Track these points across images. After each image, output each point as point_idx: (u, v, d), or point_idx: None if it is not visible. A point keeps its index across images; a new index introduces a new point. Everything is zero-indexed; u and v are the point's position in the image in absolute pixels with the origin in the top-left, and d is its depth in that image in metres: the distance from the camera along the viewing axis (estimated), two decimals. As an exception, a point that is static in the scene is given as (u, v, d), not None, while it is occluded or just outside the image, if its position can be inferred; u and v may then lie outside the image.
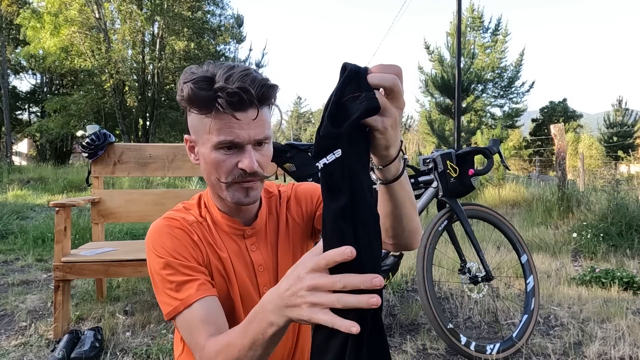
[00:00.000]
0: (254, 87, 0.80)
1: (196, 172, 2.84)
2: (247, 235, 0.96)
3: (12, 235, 4.78)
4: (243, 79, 0.80)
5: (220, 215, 0.94)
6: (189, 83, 0.82)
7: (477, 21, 24.41)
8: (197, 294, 0.82)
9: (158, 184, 10.60)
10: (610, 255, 4.08)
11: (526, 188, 8.27)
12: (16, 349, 2.14)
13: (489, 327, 2.51)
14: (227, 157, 0.85)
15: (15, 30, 18.80)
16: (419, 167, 2.36)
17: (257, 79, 0.82)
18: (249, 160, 0.84)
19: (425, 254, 2.11)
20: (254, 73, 0.83)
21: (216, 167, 0.86)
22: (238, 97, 0.79)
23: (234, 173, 0.86)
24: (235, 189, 0.87)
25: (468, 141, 19.14)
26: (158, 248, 0.87)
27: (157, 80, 17.78)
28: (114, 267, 2.23)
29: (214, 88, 0.80)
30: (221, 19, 20.31)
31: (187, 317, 0.81)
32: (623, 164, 20.08)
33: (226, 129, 0.82)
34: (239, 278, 0.93)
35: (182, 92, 0.83)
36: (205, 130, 0.84)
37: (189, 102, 0.84)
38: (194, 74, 0.83)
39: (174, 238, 0.88)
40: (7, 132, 17.43)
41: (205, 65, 0.85)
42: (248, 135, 0.83)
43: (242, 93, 0.79)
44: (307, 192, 1.03)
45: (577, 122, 31.54)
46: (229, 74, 0.81)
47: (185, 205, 0.97)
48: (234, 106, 0.80)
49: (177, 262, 0.85)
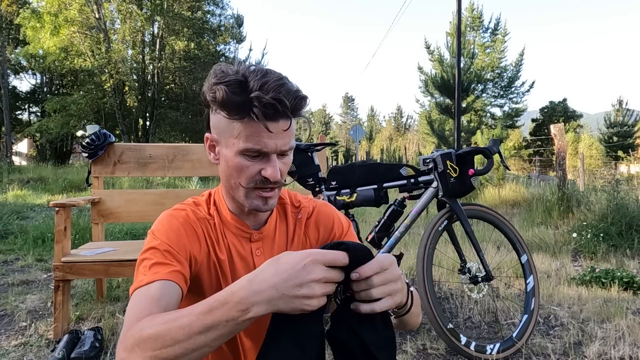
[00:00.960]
0: (288, 99, 0.79)
1: (196, 172, 2.84)
2: (253, 239, 0.96)
3: (12, 235, 4.78)
4: (278, 89, 0.79)
5: (230, 215, 0.94)
6: (222, 85, 0.80)
7: (477, 21, 24.41)
8: (164, 275, 0.79)
9: (158, 184, 10.61)
10: (610, 255, 4.08)
11: (526, 188, 8.27)
12: (16, 349, 2.14)
13: (489, 327, 2.51)
14: (252, 163, 0.84)
15: (15, 30, 18.80)
16: (419, 167, 2.36)
17: (292, 90, 0.81)
18: (273, 170, 0.83)
19: (425, 254, 2.11)
20: (288, 83, 0.81)
21: (238, 172, 0.85)
22: (274, 108, 0.78)
23: (255, 179, 0.85)
24: (254, 197, 0.87)
25: (468, 141, 19.14)
26: (156, 232, 0.87)
27: (157, 80, 17.78)
28: (114, 267, 2.23)
29: (250, 96, 0.78)
30: (221, 19, 20.34)
31: (142, 292, 0.77)
32: (623, 164, 20.08)
33: (255, 137, 0.81)
34: (237, 280, 0.93)
35: (214, 94, 0.81)
36: (232, 134, 0.83)
37: (220, 105, 0.82)
38: (225, 74, 0.81)
39: (173, 226, 0.88)
40: (7, 132, 17.44)
41: (236, 66, 0.83)
42: (275, 145, 0.82)
43: (277, 104, 0.78)
44: (328, 220, 1.02)
45: (577, 122, 31.55)
46: (264, 81, 0.79)
47: (195, 201, 0.97)
48: (268, 117, 0.79)
49: (163, 246, 0.84)
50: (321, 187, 2.34)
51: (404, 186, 2.33)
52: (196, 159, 2.76)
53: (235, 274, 0.93)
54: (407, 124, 63.82)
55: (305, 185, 2.36)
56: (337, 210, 1.06)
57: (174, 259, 0.84)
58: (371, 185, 2.32)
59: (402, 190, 2.36)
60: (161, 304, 0.75)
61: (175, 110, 18.51)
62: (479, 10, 24.51)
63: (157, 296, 0.76)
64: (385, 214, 2.32)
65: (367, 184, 2.33)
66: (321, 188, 2.34)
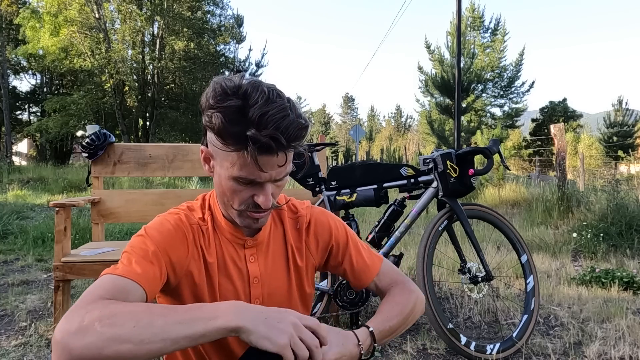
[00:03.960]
0: (286, 134, 0.76)
1: (196, 172, 2.85)
2: (247, 245, 0.95)
3: (12, 235, 4.78)
4: (278, 123, 0.75)
5: (224, 222, 0.94)
6: (219, 113, 0.76)
7: (477, 21, 24.43)
8: (137, 277, 0.78)
9: (158, 184, 10.61)
10: (610, 255, 4.08)
11: (526, 188, 8.28)
12: (16, 349, 2.14)
13: (489, 327, 2.51)
14: (244, 188, 0.83)
15: (15, 30, 18.81)
16: (419, 167, 2.36)
17: (293, 124, 0.76)
18: (265, 198, 0.83)
19: (425, 254, 2.11)
20: (290, 114, 0.77)
21: (231, 194, 0.84)
22: (268, 147, 0.76)
23: (247, 203, 0.85)
24: (245, 216, 0.87)
25: (468, 141, 19.15)
26: (147, 229, 0.87)
27: (157, 80, 17.79)
28: (114, 267, 2.22)
29: (246, 134, 0.75)
30: (221, 19, 20.36)
31: (109, 279, 0.76)
32: (623, 164, 20.08)
33: (249, 169, 0.79)
34: (227, 286, 0.93)
35: (211, 119, 0.78)
36: (227, 159, 0.80)
37: (216, 133, 0.79)
38: (224, 96, 0.76)
39: (164, 229, 0.88)
40: (7, 132, 17.44)
41: (238, 79, 0.78)
42: (270, 176, 0.81)
43: (272, 143, 0.75)
44: (324, 229, 1.02)
45: (577, 122, 31.57)
46: (264, 111, 0.75)
47: (189, 206, 0.97)
48: (262, 153, 0.77)
49: (149, 243, 0.84)
50: (321, 187, 2.34)
51: (404, 186, 2.33)
52: (196, 159, 2.76)
53: (226, 278, 0.93)
54: (407, 124, 63.82)
55: (305, 185, 2.36)
56: (332, 217, 1.05)
57: (155, 259, 0.83)
58: (371, 185, 2.32)
59: (402, 190, 2.36)
60: (125, 297, 0.75)
61: (175, 110, 18.51)
62: (479, 10, 24.54)
63: (124, 289, 0.76)
64: (385, 214, 2.32)
65: (367, 184, 2.33)
66: (321, 188, 2.34)
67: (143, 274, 0.79)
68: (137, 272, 0.79)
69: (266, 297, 0.95)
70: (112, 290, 0.74)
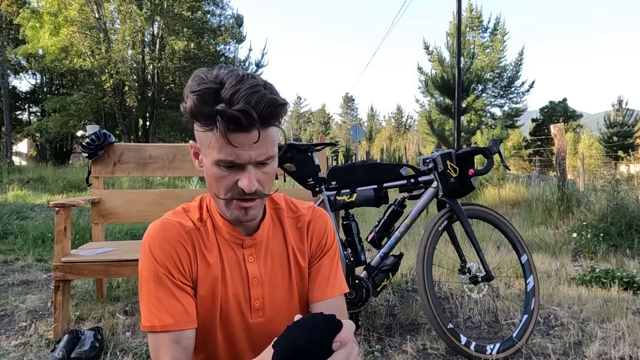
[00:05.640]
0: (257, 108, 0.76)
1: (196, 172, 2.85)
2: (246, 245, 0.94)
3: (12, 235, 4.78)
4: (248, 98, 0.76)
5: (222, 221, 0.93)
6: (194, 95, 0.78)
7: (476, 21, 24.43)
8: (175, 324, 0.84)
9: (158, 184, 10.61)
10: (610, 255, 4.08)
11: (526, 188, 8.27)
12: (16, 349, 2.14)
13: (489, 327, 2.51)
14: (228, 174, 0.82)
15: (15, 30, 18.80)
16: (419, 167, 2.36)
17: (264, 99, 0.77)
18: (248, 181, 0.81)
19: (425, 254, 2.11)
20: (263, 90, 0.78)
21: (216, 182, 0.84)
22: (237, 122, 0.76)
23: (233, 190, 0.84)
24: (233, 207, 0.86)
25: (468, 141, 19.15)
26: (153, 251, 0.87)
27: (157, 80, 17.78)
28: (114, 267, 2.23)
29: (215, 108, 0.76)
30: (221, 19, 20.33)
31: (159, 338, 0.84)
32: (623, 164, 20.09)
33: (227, 149, 0.79)
34: (228, 287, 0.92)
35: (186, 103, 0.80)
36: (207, 144, 0.81)
37: (190, 115, 0.81)
38: (201, 82, 0.79)
39: (167, 247, 0.87)
40: (7, 132, 17.42)
41: (216, 70, 0.81)
42: (249, 156, 0.80)
43: (241, 117, 0.75)
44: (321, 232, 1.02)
45: (577, 122, 31.57)
46: (236, 89, 0.76)
47: (185, 208, 0.96)
48: (231, 130, 0.77)
49: (165, 277, 0.86)
50: (321, 187, 2.34)
51: (404, 186, 2.33)
52: (196, 159, 2.76)
53: (225, 280, 0.92)
54: (407, 124, 63.81)
55: (305, 185, 2.36)
56: (330, 222, 1.05)
57: (178, 290, 0.87)
58: (371, 185, 2.32)
59: (402, 190, 2.36)
60: (181, 346, 0.85)
61: (175, 110, 18.47)
62: (478, 11, 24.54)
63: (175, 340, 0.84)
64: (385, 214, 2.32)
65: (367, 184, 2.33)
66: (321, 188, 2.34)
67: (176, 314, 0.85)
68: (170, 322, 0.85)
69: (266, 298, 0.95)
70: (172, 348, 0.83)
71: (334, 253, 1.03)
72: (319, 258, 1.01)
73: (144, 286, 0.87)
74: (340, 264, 1.04)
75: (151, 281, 0.86)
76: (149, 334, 0.86)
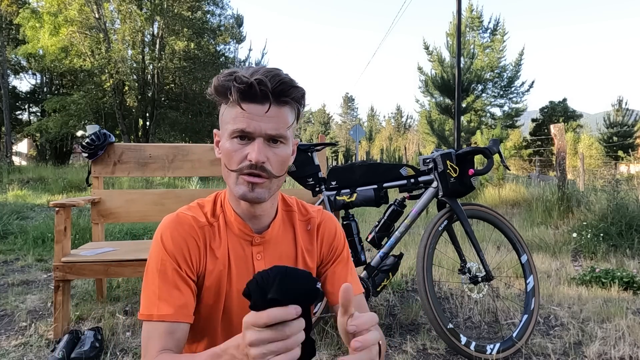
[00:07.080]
0: (272, 82, 0.81)
1: (196, 172, 2.84)
2: (255, 242, 0.95)
3: (12, 235, 4.78)
4: (265, 74, 0.82)
5: (234, 217, 0.94)
6: (219, 77, 0.85)
7: (476, 21, 24.43)
8: (173, 316, 0.84)
9: (158, 184, 10.61)
10: (610, 255, 4.08)
11: (526, 188, 8.27)
12: (16, 349, 2.14)
13: (489, 327, 2.51)
14: (240, 147, 0.85)
15: (15, 30, 18.80)
16: (419, 167, 2.36)
17: (280, 76, 0.83)
18: (257, 153, 0.83)
19: (425, 254, 2.11)
20: (282, 73, 0.83)
21: (229, 157, 0.86)
22: (250, 87, 0.81)
23: (243, 164, 0.86)
24: (241, 182, 0.87)
25: (468, 141, 19.16)
26: (164, 241, 0.88)
27: (157, 80, 17.78)
28: (114, 267, 2.23)
29: (233, 76, 0.82)
30: (221, 19, 20.34)
31: (153, 327, 0.84)
32: (623, 164, 20.09)
33: (240, 118, 0.83)
34: (233, 282, 0.93)
35: (210, 86, 0.87)
36: (226, 120, 0.87)
37: (214, 91, 0.86)
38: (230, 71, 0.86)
39: (178, 239, 0.89)
40: (7, 132, 17.42)
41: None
42: (260, 127, 0.83)
43: (255, 84, 0.80)
44: (331, 235, 1.03)
45: (577, 122, 31.55)
46: (256, 69, 0.83)
47: (200, 203, 0.97)
48: (243, 95, 0.82)
49: (172, 268, 0.87)
50: (321, 187, 2.34)
51: (404, 186, 2.33)
52: (196, 159, 2.76)
53: (232, 276, 0.93)
54: (407, 124, 63.84)
55: (305, 185, 2.36)
56: (339, 225, 1.06)
57: (182, 284, 0.87)
58: (371, 185, 2.32)
59: (402, 190, 2.36)
60: (174, 337, 0.84)
61: (175, 110, 18.49)
62: (478, 11, 24.54)
63: (169, 330, 0.84)
64: (385, 214, 2.32)
65: (367, 184, 2.33)
66: (321, 188, 2.34)
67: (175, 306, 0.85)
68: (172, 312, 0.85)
69: None
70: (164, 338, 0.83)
71: (347, 256, 1.05)
72: (333, 261, 1.02)
73: (149, 275, 0.88)
74: (353, 265, 1.07)
75: (157, 270, 0.87)
76: (145, 322, 0.85)
